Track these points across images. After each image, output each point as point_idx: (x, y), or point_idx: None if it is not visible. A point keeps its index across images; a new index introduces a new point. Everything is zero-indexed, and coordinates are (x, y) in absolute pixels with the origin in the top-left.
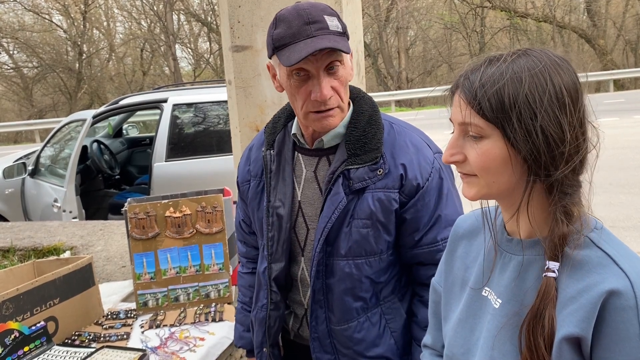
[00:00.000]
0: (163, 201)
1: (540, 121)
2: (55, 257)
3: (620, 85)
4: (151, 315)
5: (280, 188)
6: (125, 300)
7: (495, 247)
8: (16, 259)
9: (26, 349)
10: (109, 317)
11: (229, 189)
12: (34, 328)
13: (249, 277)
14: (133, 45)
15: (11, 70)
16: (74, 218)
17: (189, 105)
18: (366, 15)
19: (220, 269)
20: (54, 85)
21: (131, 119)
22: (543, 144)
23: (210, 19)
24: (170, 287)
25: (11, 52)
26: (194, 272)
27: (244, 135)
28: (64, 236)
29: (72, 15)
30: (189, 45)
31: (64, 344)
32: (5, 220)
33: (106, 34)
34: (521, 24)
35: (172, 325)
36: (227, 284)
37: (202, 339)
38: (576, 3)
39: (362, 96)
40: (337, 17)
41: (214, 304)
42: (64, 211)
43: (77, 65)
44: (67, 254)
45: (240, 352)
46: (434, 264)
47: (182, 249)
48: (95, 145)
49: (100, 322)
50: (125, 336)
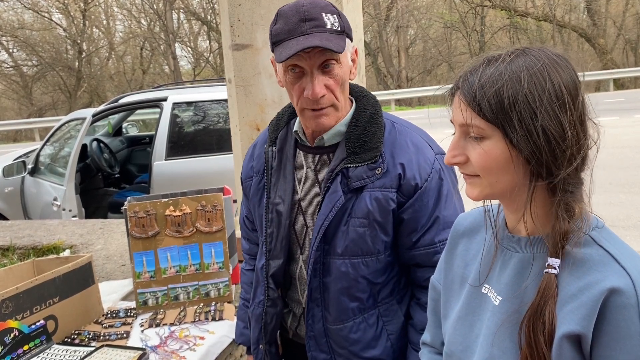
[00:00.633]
0: (163, 200)
1: (540, 120)
2: (55, 256)
3: (620, 85)
4: (151, 314)
5: (280, 185)
6: (125, 299)
7: (496, 244)
8: (16, 257)
9: (26, 347)
10: (109, 315)
11: (229, 187)
12: (33, 327)
13: (251, 274)
14: (133, 44)
15: (11, 69)
16: (73, 217)
17: (189, 103)
18: (366, 14)
19: (220, 267)
20: (53, 84)
21: (131, 118)
22: (544, 143)
23: (210, 17)
24: (170, 286)
25: (11, 51)
26: (193, 271)
27: (244, 134)
28: (63, 235)
29: (72, 14)
30: (188, 44)
31: (63, 343)
32: (4, 218)
33: (106, 33)
34: (521, 23)
35: (172, 324)
36: (227, 282)
37: (202, 338)
38: (576, 2)
39: (365, 95)
40: (338, 15)
41: (213, 302)
42: (64, 210)
43: (77, 63)
44: (66, 253)
45: (240, 350)
46: (431, 266)
47: (182, 247)
48: (95, 143)
49: (100, 320)
50: (125, 335)
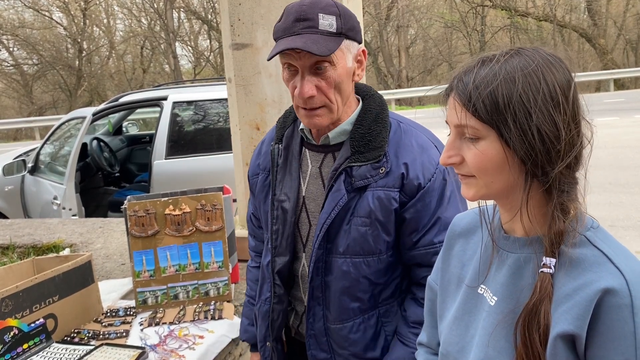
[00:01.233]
0: (163, 199)
1: (535, 120)
2: (55, 255)
3: (620, 85)
4: (150, 312)
5: (286, 182)
6: (124, 297)
7: (493, 245)
8: (15, 256)
9: (25, 346)
10: (108, 314)
11: (228, 187)
12: (33, 325)
13: (256, 271)
14: (133, 43)
15: (11, 67)
16: (73, 215)
17: (189, 103)
18: (367, 14)
19: (219, 267)
20: (53, 83)
21: (131, 117)
22: (539, 143)
23: (210, 16)
24: (169, 285)
25: (11, 49)
26: (193, 270)
27: (244, 133)
28: (63, 233)
29: (72, 13)
30: (189, 43)
31: (63, 342)
32: (4, 217)
33: (106, 32)
34: (522, 23)
35: (171, 323)
36: (227, 282)
37: (202, 337)
38: (577, 2)
39: (371, 94)
40: (339, 16)
41: (213, 302)
42: (64, 208)
43: (77, 62)
44: (66, 252)
45: (240, 350)
46: (429, 266)
47: (181, 246)
48: (95, 142)
49: (99, 319)
50: (124, 334)
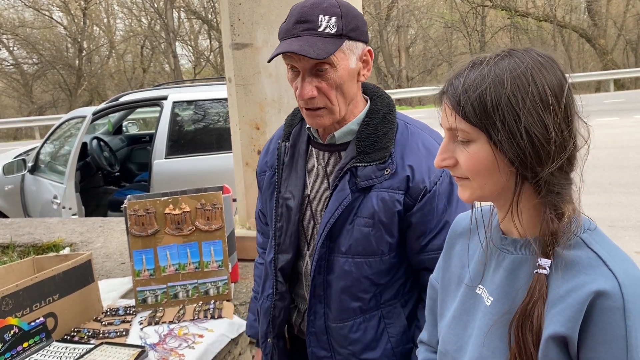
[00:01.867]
0: (163, 198)
1: (524, 122)
2: (55, 254)
3: (620, 85)
4: (150, 312)
5: (291, 180)
6: (124, 297)
7: (486, 245)
8: (15, 255)
9: (25, 344)
10: (108, 313)
11: (228, 186)
12: (33, 324)
13: (263, 267)
14: (133, 43)
15: (11, 67)
16: (73, 215)
17: (189, 102)
18: (367, 14)
19: (219, 266)
20: (53, 82)
21: (131, 116)
22: (528, 145)
23: (210, 16)
24: (169, 284)
25: (11, 49)
26: (193, 269)
27: (243, 133)
28: (63, 233)
29: (72, 12)
30: (189, 43)
31: (63, 340)
32: (4, 216)
33: (106, 31)
34: (522, 23)
35: (171, 322)
36: (226, 281)
37: (201, 336)
38: (577, 2)
39: (380, 94)
40: (340, 17)
41: (213, 301)
42: (64, 208)
43: (77, 62)
44: (66, 251)
45: (239, 349)
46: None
47: (181, 246)
48: (95, 142)
49: (99, 318)
50: (124, 333)
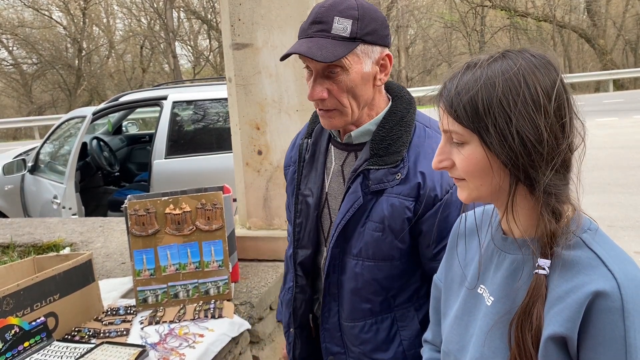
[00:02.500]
0: (163, 198)
1: (515, 124)
2: (55, 254)
3: (619, 85)
4: (151, 311)
5: (311, 177)
6: (124, 296)
7: (485, 246)
8: (16, 255)
9: (26, 344)
10: (109, 313)
11: (228, 186)
12: (34, 324)
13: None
14: (133, 43)
15: (10, 67)
16: (73, 215)
17: (189, 102)
18: None
19: (219, 266)
20: (53, 82)
21: (131, 116)
22: (520, 146)
23: (210, 16)
24: (169, 284)
25: (10, 49)
26: (193, 269)
27: (244, 133)
28: (63, 233)
29: (72, 12)
30: (188, 43)
31: (63, 340)
32: (4, 216)
33: (106, 31)
34: (521, 23)
35: (171, 322)
36: (227, 280)
37: (202, 336)
38: (576, 3)
39: (401, 95)
40: (356, 19)
41: (213, 300)
42: (64, 208)
43: (77, 62)
44: (66, 251)
45: (239, 348)
46: None
47: (181, 245)
48: (94, 142)
49: (99, 318)
50: (124, 332)
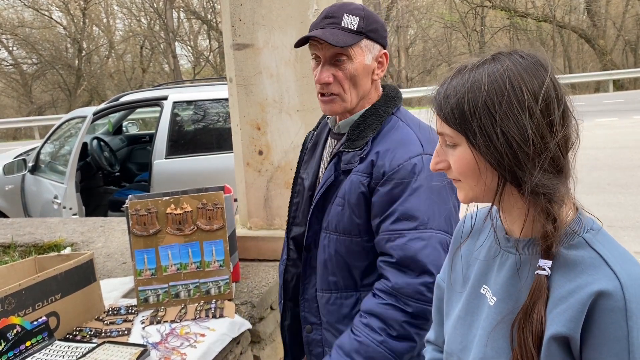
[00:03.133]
0: (164, 198)
1: (499, 125)
2: (56, 254)
3: (619, 86)
4: (152, 311)
5: (310, 163)
6: (126, 296)
7: (489, 245)
8: (17, 255)
9: (28, 343)
10: (110, 312)
11: (229, 186)
12: (35, 323)
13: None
14: (133, 43)
15: (10, 67)
16: (74, 215)
17: (189, 102)
18: None
19: (220, 265)
20: (53, 82)
21: (131, 116)
22: (505, 147)
23: (210, 16)
24: (171, 284)
25: (10, 49)
26: (194, 269)
27: (244, 133)
28: (64, 232)
29: (72, 12)
30: (188, 43)
31: (65, 339)
32: (5, 216)
33: (106, 31)
34: (521, 23)
35: (172, 322)
36: (228, 280)
37: (203, 335)
38: (576, 3)
39: (386, 94)
40: (362, 17)
41: (214, 300)
42: (64, 208)
43: (77, 62)
44: (67, 250)
45: (240, 348)
46: (384, 253)
47: (182, 245)
48: (95, 142)
49: (101, 317)
50: (126, 332)
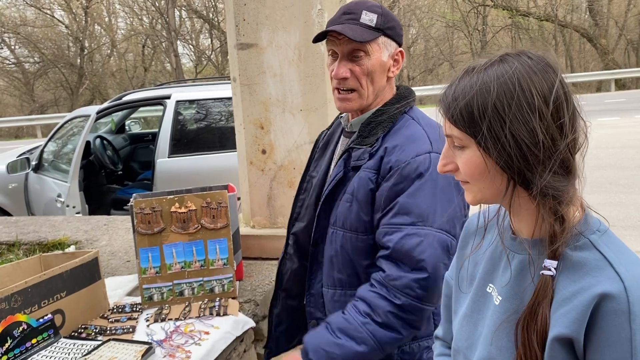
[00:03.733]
0: (168, 197)
1: (509, 127)
2: (61, 252)
3: (621, 85)
4: (156, 309)
5: (321, 161)
6: (130, 294)
7: (495, 245)
8: (21, 253)
9: (34, 341)
10: (115, 310)
11: (233, 185)
12: (41, 321)
13: None
14: (135, 41)
15: (13, 66)
16: (77, 213)
17: (192, 101)
18: None
19: (224, 264)
20: (55, 81)
21: (133, 115)
22: (515, 149)
23: (212, 15)
24: (175, 282)
25: (13, 47)
26: (198, 267)
27: (248, 132)
28: (68, 231)
29: (74, 11)
30: (190, 42)
31: (70, 337)
32: (8, 214)
33: (108, 30)
34: (523, 22)
35: (177, 319)
36: (232, 279)
37: (207, 333)
38: (578, 2)
39: (399, 93)
40: (380, 15)
41: (218, 298)
42: (68, 206)
43: (79, 60)
44: (72, 249)
45: (244, 346)
46: (382, 247)
47: (187, 244)
48: (98, 141)
49: (106, 315)
50: (131, 329)
